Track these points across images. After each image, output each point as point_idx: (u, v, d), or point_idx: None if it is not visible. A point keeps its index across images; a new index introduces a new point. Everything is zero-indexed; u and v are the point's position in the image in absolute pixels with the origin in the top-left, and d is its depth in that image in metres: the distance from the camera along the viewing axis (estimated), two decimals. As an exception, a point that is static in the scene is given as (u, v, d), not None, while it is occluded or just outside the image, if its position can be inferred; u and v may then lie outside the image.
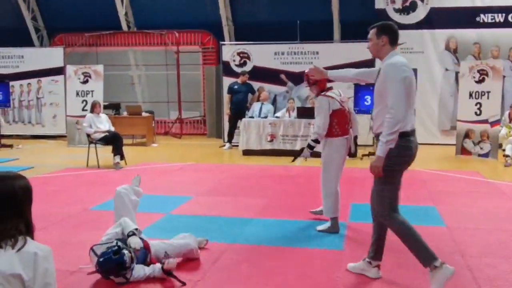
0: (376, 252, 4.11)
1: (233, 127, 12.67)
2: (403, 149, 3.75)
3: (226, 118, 13.34)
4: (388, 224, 3.96)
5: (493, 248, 4.90)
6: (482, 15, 13.33)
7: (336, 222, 5.49)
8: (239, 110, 12.47)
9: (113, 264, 3.95)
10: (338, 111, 5.42)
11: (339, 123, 5.41)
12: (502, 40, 13.26)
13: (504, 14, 13.22)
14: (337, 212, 5.49)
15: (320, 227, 5.52)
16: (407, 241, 3.85)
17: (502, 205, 6.69)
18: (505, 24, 13.20)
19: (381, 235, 4.09)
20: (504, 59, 12.94)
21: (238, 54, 13.61)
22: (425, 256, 3.78)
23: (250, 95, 12.81)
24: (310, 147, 5.51)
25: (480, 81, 10.97)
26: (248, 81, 12.73)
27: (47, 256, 2.11)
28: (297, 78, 12.65)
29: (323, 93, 5.46)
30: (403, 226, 3.85)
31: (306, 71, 5.15)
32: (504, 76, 11.99)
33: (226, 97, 13.04)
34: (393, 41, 3.92)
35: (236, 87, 12.75)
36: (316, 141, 5.44)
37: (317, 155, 5.74)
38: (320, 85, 5.49)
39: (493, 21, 13.30)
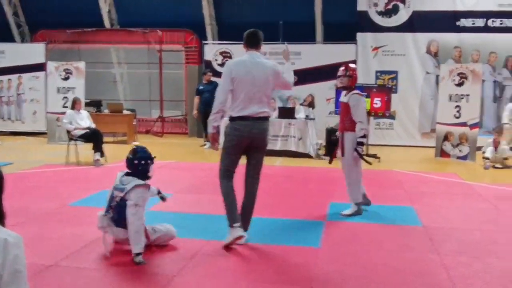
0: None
1: (206, 127, 12.60)
2: (232, 130, 4.75)
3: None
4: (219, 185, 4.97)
5: (468, 247, 4.97)
6: (463, 20, 13.51)
7: (360, 206, 6.08)
8: (208, 110, 12.36)
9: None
10: None
11: (352, 120, 5.96)
12: (482, 44, 13.45)
13: (484, 19, 13.42)
14: (360, 197, 6.10)
15: (345, 212, 6.07)
16: (223, 201, 4.86)
17: (478, 206, 6.79)
18: (485, 29, 13.40)
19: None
20: (484, 63, 13.13)
21: (221, 53, 13.63)
22: (230, 217, 4.77)
23: None
24: (361, 143, 5.98)
25: (459, 85, 11.11)
26: (213, 79, 12.60)
27: (18, 243, 2.09)
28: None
29: (356, 92, 6.03)
30: (225, 190, 4.87)
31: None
32: (483, 80, 12.17)
33: (195, 98, 12.91)
34: (247, 44, 4.91)
35: (201, 87, 12.75)
36: (365, 136, 5.98)
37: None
38: (353, 81, 6.09)
39: (474, 25, 13.49)
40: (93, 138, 9.73)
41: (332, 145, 11.26)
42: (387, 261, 4.50)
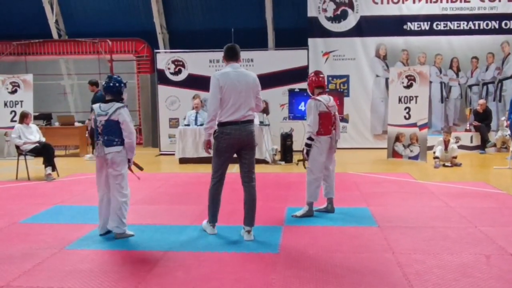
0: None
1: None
2: (223, 134, 5.20)
3: (161, 128, 13.22)
4: None
5: (421, 245, 5.09)
6: (409, 23, 13.92)
7: (311, 207, 6.33)
8: None
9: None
10: (322, 113, 6.18)
11: (322, 124, 6.20)
12: (428, 47, 13.89)
13: (429, 23, 13.87)
14: (315, 198, 6.34)
15: (296, 213, 6.31)
16: (208, 203, 5.51)
17: (430, 204, 6.97)
18: (431, 32, 13.85)
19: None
20: (431, 65, 13.57)
21: (173, 62, 13.53)
22: (210, 216, 5.52)
23: None
24: (307, 145, 6.26)
25: (408, 87, 11.40)
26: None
27: None
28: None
29: (312, 97, 6.30)
30: (212, 193, 5.47)
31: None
32: (430, 82, 12.55)
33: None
34: (226, 57, 5.41)
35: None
36: (310, 139, 6.21)
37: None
38: (309, 88, 6.42)
39: (420, 29, 13.92)
40: (44, 152, 9.49)
41: (289, 151, 11.41)
42: (344, 262, 4.56)
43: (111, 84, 5.47)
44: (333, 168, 6.56)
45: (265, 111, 12.76)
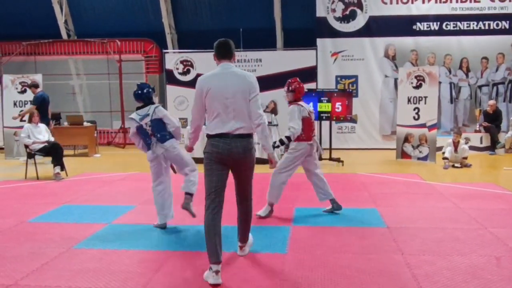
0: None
1: None
2: (210, 147, 4.32)
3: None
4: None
5: (431, 246, 5.05)
6: (418, 24, 13.84)
7: (272, 207, 6.33)
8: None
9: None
10: (305, 119, 6.12)
11: (304, 129, 6.09)
12: (437, 47, 13.81)
13: (439, 23, 13.78)
14: (277, 200, 6.30)
15: (260, 213, 6.25)
16: (204, 233, 4.43)
17: (439, 205, 6.91)
18: (440, 32, 13.76)
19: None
20: (440, 65, 13.48)
21: (182, 62, 13.55)
22: (208, 254, 4.29)
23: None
24: (282, 142, 6.11)
25: (417, 87, 11.34)
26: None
27: None
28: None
29: (295, 102, 6.17)
30: (206, 224, 4.37)
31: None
32: (440, 82, 12.47)
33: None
34: (218, 55, 4.45)
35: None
36: (289, 138, 6.05)
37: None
38: (297, 95, 6.25)
39: (429, 29, 13.84)
40: (53, 151, 9.52)
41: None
42: (353, 263, 4.53)
43: (140, 92, 5.82)
44: (320, 171, 6.41)
45: (274, 111, 12.78)
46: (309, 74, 12.80)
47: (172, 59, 13.65)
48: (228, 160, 4.29)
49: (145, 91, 5.83)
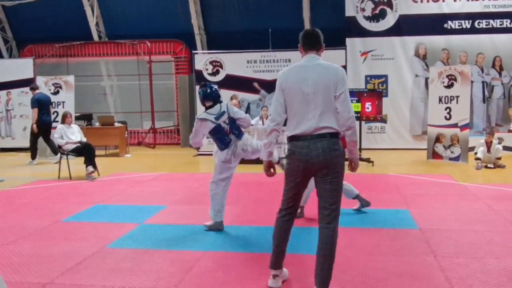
0: None
1: (36, 142, 12.24)
2: (288, 152, 3.91)
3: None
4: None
5: (464, 248, 4.97)
6: (449, 22, 13.62)
7: (302, 209, 6.21)
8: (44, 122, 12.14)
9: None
10: None
11: None
12: (469, 45, 13.56)
13: (470, 21, 13.54)
14: (305, 201, 6.20)
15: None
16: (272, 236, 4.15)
17: (472, 206, 6.80)
18: (472, 30, 13.51)
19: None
20: (472, 64, 13.23)
21: (211, 63, 13.62)
22: (272, 258, 4.10)
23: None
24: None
25: (449, 86, 11.17)
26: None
27: None
28: (269, 86, 12.71)
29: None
30: (274, 229, 4.13)
31: None
32: (472, 81, 12.25)
33: (34, 111, 12.03)
34: (303, 46, 4.00)
35: (40, 97, 12.24)
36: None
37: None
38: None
39: (461, 27, 13.60)
40: (85, 151, 9.68)
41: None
42: (384, 265, 4.49)
43: (210, 91, 5.76)
44: None
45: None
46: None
47: (202, 59, 13.74)
48: (305, 166, 3.78)
49: (213, 89, 5.80)
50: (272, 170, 4.15)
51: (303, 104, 3.78)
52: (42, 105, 12.02)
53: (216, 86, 5.88)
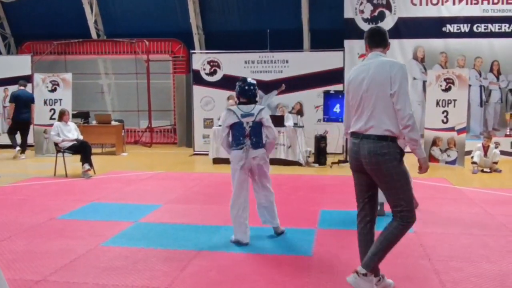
0: None
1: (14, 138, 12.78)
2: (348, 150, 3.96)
3: (196, 128, 13.37)
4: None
5: (459, 252, 4.97)
6: (448, 25, 13.65)
7: None
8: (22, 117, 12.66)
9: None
10: None
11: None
12: (467, 49, 13.59)
13: (469, 25, 13.56)
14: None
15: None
16: None
17: (468, 210, 6.81)
18: (470, 34, 13.54)
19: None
20: (470, 68, 13.24)
21: (209, 62, 13.60)
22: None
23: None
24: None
25: (446, 90, 11.18)
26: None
27: None
28: (267, 86, 12.70)
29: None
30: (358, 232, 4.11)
31: None
32: (469, 85, 12.26)
33: (10, 106, 12.79)
34: (369, 44, 4.01)
35: (17, 93, 12.86)
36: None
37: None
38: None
39: (459, 31, 13.63)
40: (81, 149, 9.67)
41: (322, 153, 11.33)
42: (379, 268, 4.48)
43: (247, 88, 5.37)
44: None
45: (300, 112, 12.76)
46: (336, 75, 12.72)
47: (199, 59, 13.72)
48: (357, 164, 3.80)
49: (251, 87, 5.37)
50: None
51: (360, 103, 3.76)
52: (19, 101, 12.49)
53: (255, 85, 5.44)
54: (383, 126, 3.64)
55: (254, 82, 5.45)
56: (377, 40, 3.95)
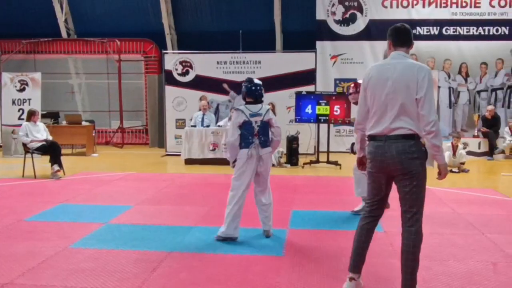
0: None
1: None
2: (367, 153, 3.88)
3: (168, 128, 13.34)
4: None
5: (428, 251, 5.02)
6: (418, 28, 13.85)
7: None
8: None
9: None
10: None
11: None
12: (437, 51, 13.83)
13: (438, 27, 13.81)
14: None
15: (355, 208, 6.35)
16: None
17: (438, 210, 6.91)
18: (440, 36, 13.78)
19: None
20: (439, 70, 13.48)
21: (181, 63, 13.54)
22: (350, 262, 4.03)
23: None
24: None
25: (416, 91, 11.32)
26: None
27: None
28: (239, 87, 12.67)
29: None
30: (356, 231, 4.08)
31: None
32: (439, 87, 12.48)
33: None
34: (392, 42, 3.90)
35: None
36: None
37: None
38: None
39: (429, 33, 13.86)
40: (51, 150, 9.51)
41: (294, 154, 11.38)
42: (348, 267, 4.51)
43: (253, 88, 5.44)
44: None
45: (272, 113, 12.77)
46: (308, 76, 12.81)
47: (171, 59, 13.64)
48: (381, 167, 3.73)
49: (258, 87, 5.45)
50: (361, 166, 4.07)
51: (383, 104, 3.68)
52: None
53: (261, 85, 5.51)
54: (408, 127, 3.62)
55: (260, 82, 5.52)
56: (403, 39, 3.86)
